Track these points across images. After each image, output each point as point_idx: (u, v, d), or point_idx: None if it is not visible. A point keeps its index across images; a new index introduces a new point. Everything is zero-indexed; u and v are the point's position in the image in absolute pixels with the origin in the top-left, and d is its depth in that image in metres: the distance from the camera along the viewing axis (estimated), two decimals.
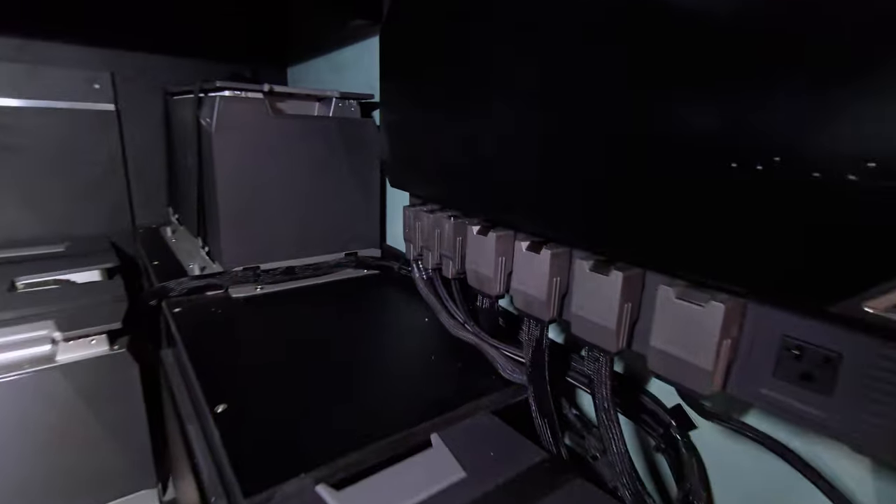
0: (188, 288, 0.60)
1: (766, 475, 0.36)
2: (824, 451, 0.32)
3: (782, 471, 0.35)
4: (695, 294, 0.27)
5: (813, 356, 0.24)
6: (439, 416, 0.40)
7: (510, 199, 0.37)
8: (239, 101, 0.60)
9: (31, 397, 0.53)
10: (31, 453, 0.54)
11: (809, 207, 0.20)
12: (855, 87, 0.18)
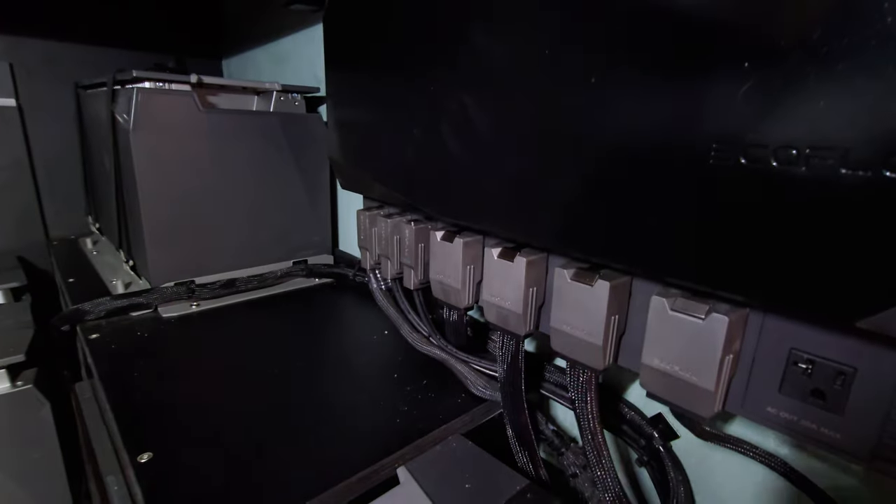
0: (108, 309, 0.52)
1: (755, 485, 0.34)
2: (819, 462, 0.31)
3: (772, 480, 0.33)
4: (693, 305, 0.24)
5: (824, 371, 0.22)
6: (406, 445, 0.35)
7: (478, 200, 0.33)
8: (161, 93, 0.53)
9: None
10: None
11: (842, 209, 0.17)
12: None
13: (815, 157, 0.18)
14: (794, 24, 0.17)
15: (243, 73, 0.95)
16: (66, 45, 0.83)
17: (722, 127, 0.20)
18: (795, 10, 0.17)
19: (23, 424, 0.49)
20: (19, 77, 0.79)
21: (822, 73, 0.17)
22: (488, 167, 0.31)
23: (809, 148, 0.18)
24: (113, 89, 0.55)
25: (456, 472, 0.34)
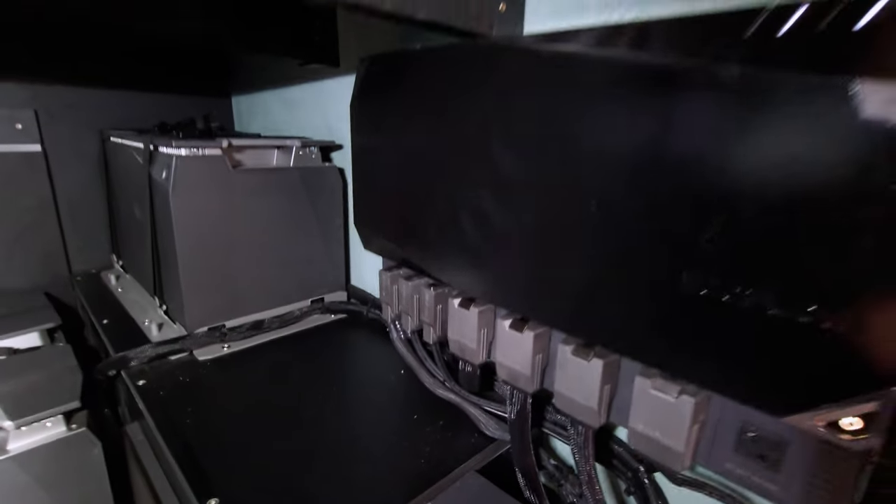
0: (150, 356, 0.58)
1: None
2: None
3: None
4: (668, 386, 0.30)
5: (765, 441, 0.28)
6: (430, 485, 0.42)
7: (490, 281, 0.39)
8: (197, 159, 0.58)
9: None
10: None
11: (771, 338, 0.24)
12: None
13: (751, 297, 0.24)
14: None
15: (252, 115, 1.00)
16: (85, 90, 0.88)
17: (690, 266, 0.26)
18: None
19: (77, 464, 0.54)
20: (43, 122, 0.84)
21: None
22: (500, 255, 0.37)
23: (751, 289, 0.24)
24: (150, 151, 0.61)
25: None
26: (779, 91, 0.22)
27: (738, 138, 0.24)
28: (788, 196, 0.22)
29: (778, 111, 0.22)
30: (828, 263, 0.22)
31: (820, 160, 0.21)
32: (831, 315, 0.22)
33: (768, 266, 0.24)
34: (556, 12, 0.45)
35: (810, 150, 0.22)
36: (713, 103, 0.24)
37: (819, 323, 0.22)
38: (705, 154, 0.25)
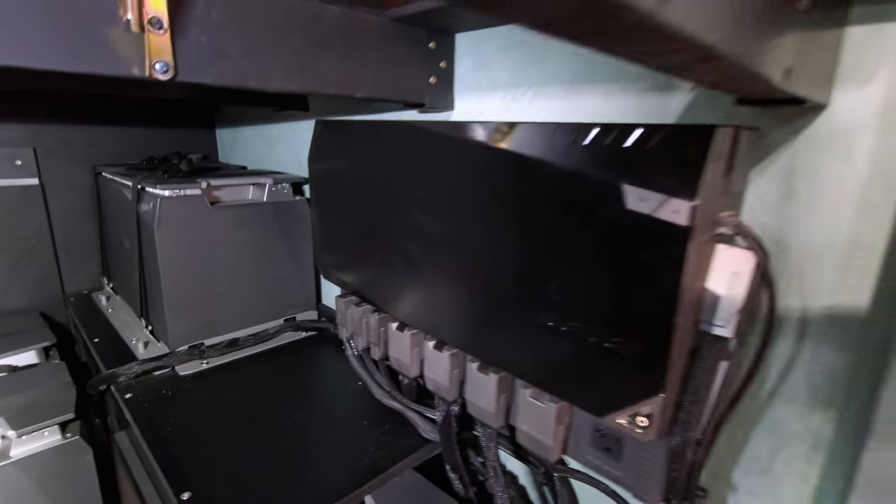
0: (136, 372, 0.66)
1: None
2: None
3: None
4: (540, 395, 0.39)
5: (610, 436, 0.37)
6: (372, 479, 0.50)
7: (415, 311, 0.48)
8: (179, 199, 0.67)
9: None
10: None
11: (591, 357, 0.33)
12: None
13: (579, 329, 0.33)
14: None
15: (235, 147, 1.08)
16: (80, 127, 0.96)
17: (544, 307, 0.35)
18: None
19: (71, 469, 0.62)
20: (40, 158, 0.92)
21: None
22: (420, 291, 0.46)
23: (579, 323, 0.33)
24: (138, 190, 0.69)
25: (408, 499, 0.49)
26: (580, 189, 0.31)
27: (565, 227, 0.33)
28: (592, 270, 0.31)
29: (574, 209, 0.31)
30: (618, 311, 0.31)
31: (610, 245, 0.30)
32: (623, 343, 0.31)
33: (587, 309, 0.32)
34: (475, 86, 0.55)
35: (600, 239, 0.30)
36: (552, 197, 0.33)
37: (617, 347, 0.31)
38: (548, 236, 0.34)
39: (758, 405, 0.39)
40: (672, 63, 0.17)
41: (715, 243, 0.31)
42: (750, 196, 0.37)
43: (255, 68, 0.39)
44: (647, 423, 0.31)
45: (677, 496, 0.34)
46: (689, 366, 0.32)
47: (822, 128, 0.33)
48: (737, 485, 0.41)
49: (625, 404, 0.32)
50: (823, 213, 0.33)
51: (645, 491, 0.36)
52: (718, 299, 0.31)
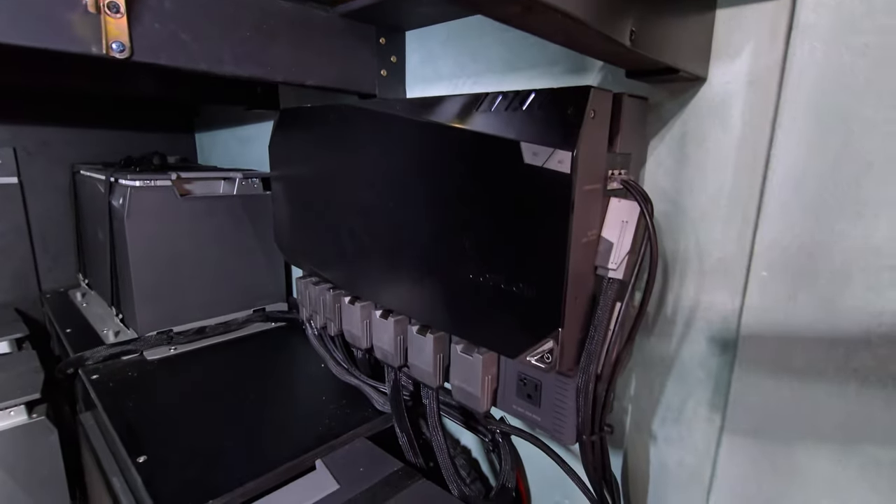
0: (104, 356, 0.68)
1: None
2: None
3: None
4: (469, 349, 0.42)
5: (530, 383, 0.40)
6: (323, 444, 0.52)
7: (361, 281, 0.51)
8: (149, 189, 0.70)
9: None
10: None
11: (504, 303, 0.36)
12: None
13: (492, 278, 0.37)
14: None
15: (212, 148, 1.12)
16: (60, 129, 1.00)
17: (464, 263, 0.39)
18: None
19: (36, 448, 0.64)
20: (20, 157, 0.95)
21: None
22: (367, 264, 0.49)
23: (487, 276, 0.37)
24: (110, 182, 0.72)
25: (356, 462, 0.51)
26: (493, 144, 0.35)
27: (476, 186, 0.36)
28: (498, 223, 0.35)
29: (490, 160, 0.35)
30: (521, 258, 0.34)
31: (511, 199, 0.34)
32: (527, 287, 0.34)
33: (497, 260, 0.36)
34: (424, 78, 0.59)
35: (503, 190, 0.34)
36: (468, 158, 0.37)
37: (522, 291, 0.35)
38: (462, 196, 0.38)
39: (669, 355, 0.42)
40: (505, 14, 0.21)
41: (609, 197, 0.35)
42: (651, 162, 0.41)
43: (205, 53, 0.42)
44: (551, 357, 0.34)
45: (587, 432, 0.37)
46: (591, 310, 0.36)
47: (704, 99, 0.37)
48: (656, 434, 0.44)
49: (532, 343, 0.35)
50: (709, 174, 0.38)
51: (560, 432, 0.39)
52: (611, 245, 0.35)
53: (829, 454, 0.30)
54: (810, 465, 0.32)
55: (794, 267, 0.29)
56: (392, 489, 0.48)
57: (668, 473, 0.44)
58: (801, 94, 0.29)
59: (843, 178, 0.26)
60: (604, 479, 0.41)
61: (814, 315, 0.28)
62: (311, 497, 0.46)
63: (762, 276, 0.30)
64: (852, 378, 0.27)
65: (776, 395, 0.32)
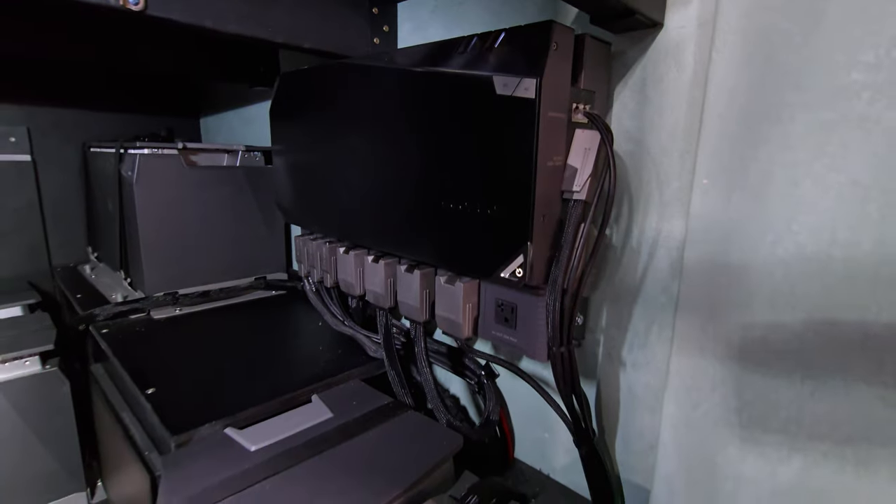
0: (113, 312, 0.72)
1: (531, 396, 0.56)
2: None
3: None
4: (452, 279, 0.46)
5: (506, 307, 0.44)
6: (319, 382, 0.56)
7: (356, 230, 0.55)
8: (156, 157, 0.74)
9: None
10: None
11: (479, 230, 0.40)
12: None
13: (469, 206, 0.40)
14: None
15: (217, 131, 1.17)
16: (71, 111, 1.04)
17: (445, 195, 0.43)
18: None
19: (49, 398, 0.67)
20: (34, 136, 0.99)
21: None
22: (361, 211, 0.53)
23: (464, 204, 0.41)
24: (120, 153, 0.76)
25: (349, 397, 0.55)
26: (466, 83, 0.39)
27: (456, 121, 0.40)
28: (474, 152, 0.39)
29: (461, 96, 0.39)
30: (493, 182, 0.38)
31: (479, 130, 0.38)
32: (499, 209, 0.38)
33: (473, 187, 0.40)
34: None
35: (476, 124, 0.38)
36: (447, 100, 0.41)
37: (495, 214, 0.38)
38: (446, 133, 0.41)
39: (636, 285, 0.46)
40: None
41: (575, 129, 0.39)
42: (616, 107, 0.45)
43: (212, 12, 0.47)
44: (523, 272, 0.38)
45: (556, 344, 0.41)
46: (558, 233, 0.40)
47: (661, 43, 0.41)
48: (625, 361, 0.48)
49: (506, 259, 0.39)
50: (666, 112, 0.41)
51: (533, 348, 0.42)
52: (575, 171, 0.38)
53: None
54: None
55: (729, 170, 0.32)
56: (383, 417, 0.51)
57: (636, 398, 0.47)
58: (732, 19, 0.33)
59: (767, 88, 0.30)
60: (574, 394, 0.44)
61: (747, 211, 0.32)
62: (306, 423, 0.49)
63: (703, 184, 0.34)
64: (778, 265, 0.30)
65: (716, 291, 0.36)
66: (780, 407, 0.33)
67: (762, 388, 0.34)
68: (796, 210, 0.29)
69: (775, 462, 0.34)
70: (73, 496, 0.71)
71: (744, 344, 0.34)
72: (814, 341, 0.30)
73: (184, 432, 0.45)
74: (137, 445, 0.50)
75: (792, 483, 0.33)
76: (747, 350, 0.35)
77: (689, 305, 0.38)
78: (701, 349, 0.36)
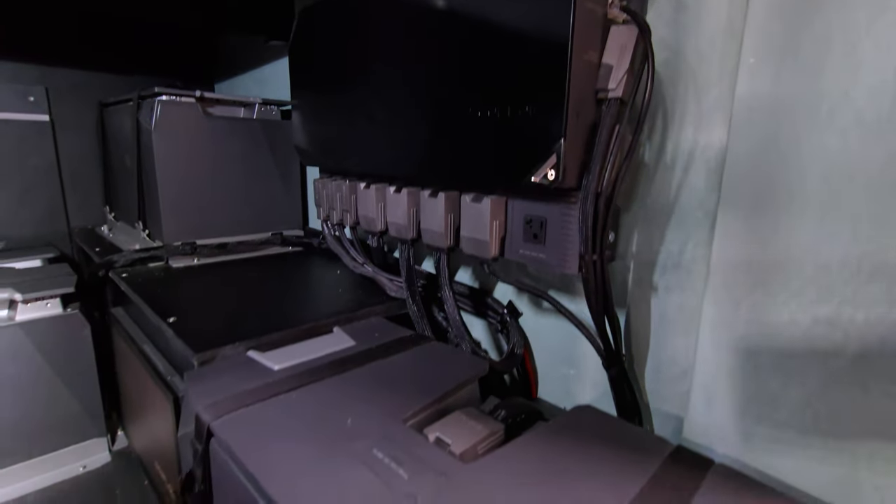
0: (132, 259, 0.72)
1: (557, 333, 0.55)
2: (571, 301, 0.51)
3: (564, 327, 0.53)
4: (478, 197, 0.45)
5: (535, 223, 0.43)
6: (340, 315, 0.55)
7: (381, 159, 0.54)
8: (175, 104, 0.74)
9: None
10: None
11: (509, 135, 0.39)
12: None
13: (499, 109, 0.39)
14: None
15: (232, 92, 1.16)
16: (89, 73, 1.04)
17: (475, 104, 0.41)
18: None
19: (70, 340, 0.67)
20: (52, 97, 0.99)
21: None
22: (384, 140, 0.52)
23: (494, 109, 0.39)
24: (139, 101, 0.76)
25: (371, 330, 0.54)
26: None
27: (487, 22, 0.39)
28: (509, 53, 0.37)
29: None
30: (528, 80, 0.37)
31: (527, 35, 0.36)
32: (533, 108, 0.37)
33: (505, 89, 0.39)
34: None
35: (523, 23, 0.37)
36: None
37: (528, 112, 0.37)
38: (480, 32, 0.40)
39: (669, 203, 0.44)
40: None
41: (610, 26, 0.38)
42: (651, 14, 0.43)
43: None
44: (555, 173, 0.37)
45: (588, 252, 0.39)
46: (592, 135, 0.38)
47: None
48: (657, 285, 0.46)
49: (537, 161, 0.37)
50: (706, 17, 0.40)
51: (563, 261, 0.41)
52: (611, 69, 0.37)
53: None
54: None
55: (779, 44, 0.31)
56: (406, 346, 0.50)
57: (668, 321, 0.46)
58: None
59: None
60: (606, 312, 0.43)
61: (798, 85, 0.30)
62: (329, 349, 0.49)
63: (750, 63, 0.32)
64: (835, 135, 0.29)
65: (764, 179, 0.34)
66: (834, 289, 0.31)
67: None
68: (854, 76, 0.28)
69: (825, 352, 0.32)
70: (94, 441, 0.71)
71: (791, 229, 0.33)
72: (871, 212, 0.28)
73: (206, 350, 0.45)
74: (159, 372, 0.50)
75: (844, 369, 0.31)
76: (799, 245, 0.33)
77: (733, 200, 0.36)
78: (745, 244, 0.35)
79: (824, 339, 0.31)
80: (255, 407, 0.38)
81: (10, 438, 0.64)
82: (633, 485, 0.30)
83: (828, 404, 0.33)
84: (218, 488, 0.35)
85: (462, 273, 0.66)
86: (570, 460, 0.32)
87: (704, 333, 0.38)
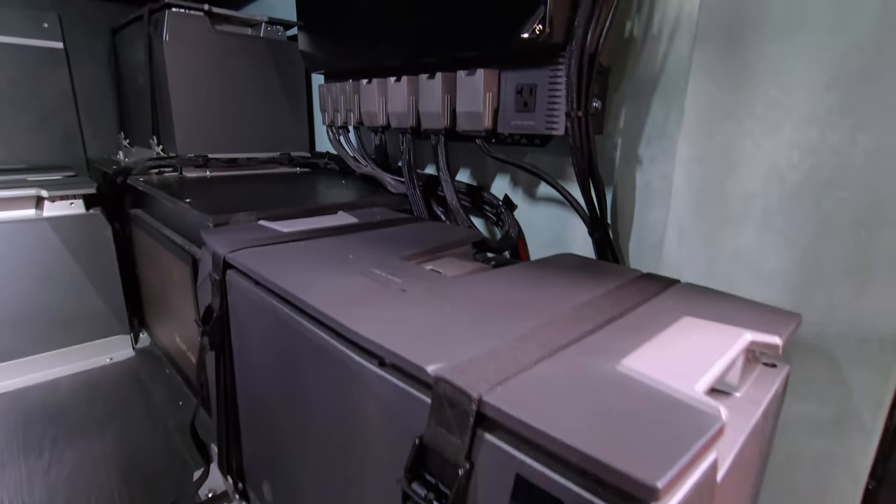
0: (148, 166, 0.75)
1: (549, 221, 0.58)
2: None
3: (555, 214, 0.56)
4: (472, 72, 0.47)
5: (525, 90, 0.45)
6: (344, 204, 0.59)
7: (376, 48, 0.56)
8: (184, 16, 0.76)
9: (24, 242, 0.66)
10: (25, 290, 0.67)
11: None
12: None
13: None
14: None
15: None
16: (97, 2, 1.06)
17: None
18: None
19: (93, 239, 0.72)
20: (64, 25, 1.02)
21: None
22: (385, 27, 0.54)
23: None
24: (149, 15, 0.78)
25: (373, 214, 0.58)
26: None
27: None
28: None
29: None
30: None
31: None
32: None
33: None
34: None
35: None
36: None
37: None
38: None
39: (655, 74, 0.46)
40: None
41: None
42: None
43: None
44: (542, 26, 0.39)
45: (573, 107, 0.42)
46: None
47: None
48: (642, 157, 0.49)
49: (526, 16, 0.40)
50: None
51: (552, 125, 0.44)
52: None
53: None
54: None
55: None
56: (405, 223, 0.54)
57: (652, 191, 0.49)
58: None
59: None
60: (591, 177, 0.46)
61: None
62: (334, 222, 0.52)
63: None
64: None
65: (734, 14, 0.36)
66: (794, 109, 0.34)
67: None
68: None
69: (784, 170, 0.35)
70: (118, 337, 0.77)
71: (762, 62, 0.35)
72: (832, 23, 0.31)
73: (220, 214, 0.48)
74: (178, 244, 0.54)
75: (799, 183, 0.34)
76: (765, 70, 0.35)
77: (707, 38, 0.38)
78: (715, 80, 0.37)
79: (784, 159, 0.34)
80: (267, 247, 0.42)
81: (44, 326, 0.69)
82: (601, 288, 0.33)
83: (784, 214, 0.36)
84: (233, 311, 0.40)
85: (461, 175, 0.69)
86: (546, 277, 0.36)
87: (679, 171, 0.41)
